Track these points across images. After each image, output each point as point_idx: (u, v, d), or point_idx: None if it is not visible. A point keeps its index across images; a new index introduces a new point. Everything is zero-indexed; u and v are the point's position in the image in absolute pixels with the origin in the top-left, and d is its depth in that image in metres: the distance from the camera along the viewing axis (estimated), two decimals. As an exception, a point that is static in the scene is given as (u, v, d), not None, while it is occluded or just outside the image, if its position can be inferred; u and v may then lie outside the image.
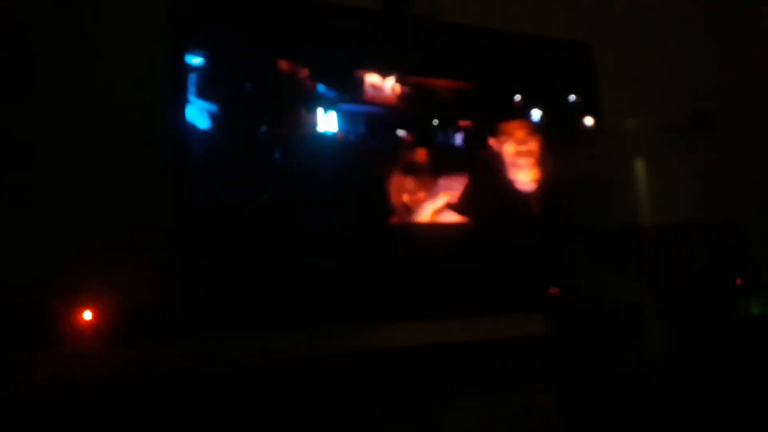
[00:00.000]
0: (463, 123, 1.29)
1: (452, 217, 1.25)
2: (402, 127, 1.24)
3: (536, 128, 1.37)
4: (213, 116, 1.06)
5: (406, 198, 1.21)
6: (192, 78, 1.06)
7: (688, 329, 0.38)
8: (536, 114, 1.38)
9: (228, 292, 1.07)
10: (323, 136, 1.16)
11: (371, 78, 1.23)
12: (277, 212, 1.11)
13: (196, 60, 1.07)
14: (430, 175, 1.24)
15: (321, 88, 1.16)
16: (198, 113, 1.06)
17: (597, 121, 1.40)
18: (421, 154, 1.25)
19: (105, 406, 0.95)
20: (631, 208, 0.39)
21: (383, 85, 1.23)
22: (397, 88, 1.25)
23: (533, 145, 1.34)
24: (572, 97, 1.42)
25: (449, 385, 1.19)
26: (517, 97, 1.37)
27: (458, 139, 1.29)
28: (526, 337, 0.96)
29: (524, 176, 1.33)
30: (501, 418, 1.20)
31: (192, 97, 1.05)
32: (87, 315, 0.95)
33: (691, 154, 0.42)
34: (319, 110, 1.16)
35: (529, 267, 0.98)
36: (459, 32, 1.35)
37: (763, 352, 0.39)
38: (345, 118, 1.19)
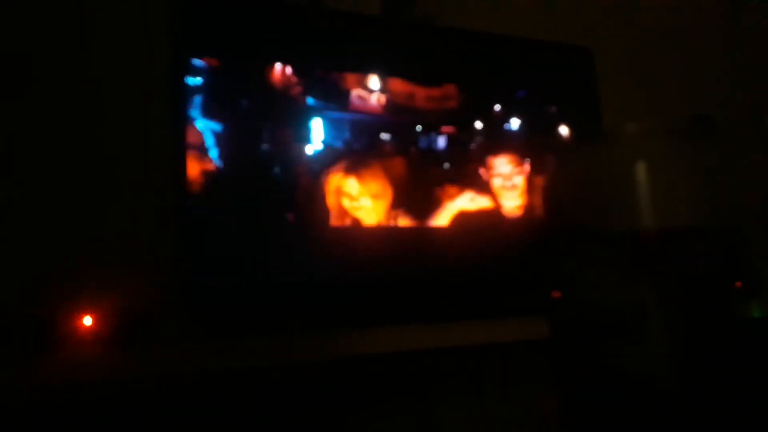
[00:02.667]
0: (462, 128, 1.30)
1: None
2: (402, 134, 1.24)
3: (537, 133, 1.37)
4: (214, 133, 1.07)
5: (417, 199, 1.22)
6: (192, 96, 1.06)
7: (689, 331, 0.38)
8: (536, 118, 1.38)
9: (228, 296, 1.07)
10: (324, 145, 1.16)
11: (372, 84, 1.23)
12: (278, 216, 1.11)
13: (196, 78, 1.08)
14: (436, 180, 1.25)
15: (310, 100, 1.17)
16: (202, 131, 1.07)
17: (598, 126, 1.40)
18: (421, 158, 1.25)
19: (106, 411, 0.95)
20: (633, 211, 0.40)
21: (386, 91, 1.24)
22: (399, 93, 1.25)
23: (532, 150, 1.35)
24: (573, 102, 1.42)
25: (452, 389, 1.19)
26: (517, 102, 1.37)
27: (460, 142, 1.29)
28: (529, 340, 0.96)
29: (526, 180, 1.33)
30: (503, 421, 1.20)
31: (196, 114, 1.06)
32: (87, 320, 0.95)
33: (692, 158, 0.42)
34: (317, 120, 1.16)
35: (532, 270, 0.98)
36: (457, 36, 1.36)
37: (763, 353, 0.39)
38: (342, 127, 1.19)
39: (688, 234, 0.40)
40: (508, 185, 1.32)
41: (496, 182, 1.32)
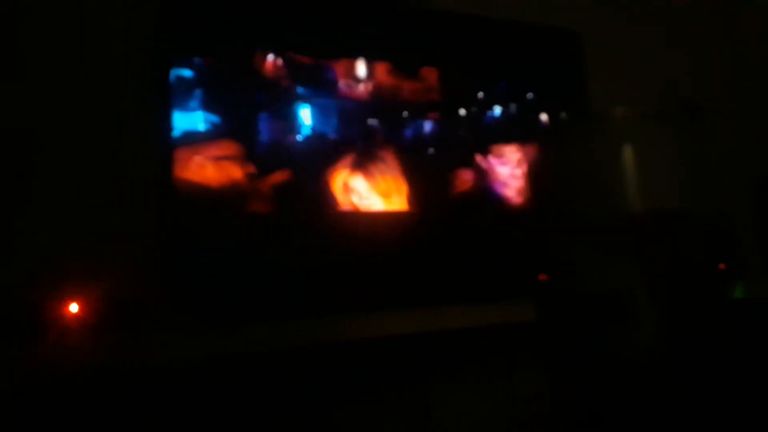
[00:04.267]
0: (447, 115, 1.29)
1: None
2: (389, 120, 1.23)
3: (525, 117, 1.37)
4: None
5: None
6: (179, 89, 1.06)
7: (675, 313, 0.39)
8: (524, 103, 1.38)
9: (217, 282, 1.07)
10: (314, 131, 1.16)
11: (359, 71, 1.23)
12: (271, 203, 1.11)
13: (184, 72, 1.07)
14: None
15: (300, 89, 1.16)
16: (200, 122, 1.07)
17: (585, 110, 1.41)
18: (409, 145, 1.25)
19: (92, 399, 0.94)
20: (620, 195, 0.40)
21: (372, 78, 1.23)
22: (388, 78, 1.25)
23: (519, 135, 1.35)
24: (560, 86, 1.42)
25: (441, 373, 1.20)
26: (504, 86, 1.37)
27: (443, 130, 1.29)
28: (517, 324, 0.97)
29: (514, 165, 1.33)
30: (493, 404, 1.21)
31: (194, 106, 1.06)
32: (73, 307, 0.95)
33: (679, 142, 0.42)
34: (305, 108, 1.16)
35: (520, 254, 0.98)
36: (445, 19, 1.35)
37: (746, 334, 0.40)
38: (330, 113, 1.19)
39: (675, 218, 0.40)
40: (496, 172, 1.32)
41: (483, 169, 1.32)
